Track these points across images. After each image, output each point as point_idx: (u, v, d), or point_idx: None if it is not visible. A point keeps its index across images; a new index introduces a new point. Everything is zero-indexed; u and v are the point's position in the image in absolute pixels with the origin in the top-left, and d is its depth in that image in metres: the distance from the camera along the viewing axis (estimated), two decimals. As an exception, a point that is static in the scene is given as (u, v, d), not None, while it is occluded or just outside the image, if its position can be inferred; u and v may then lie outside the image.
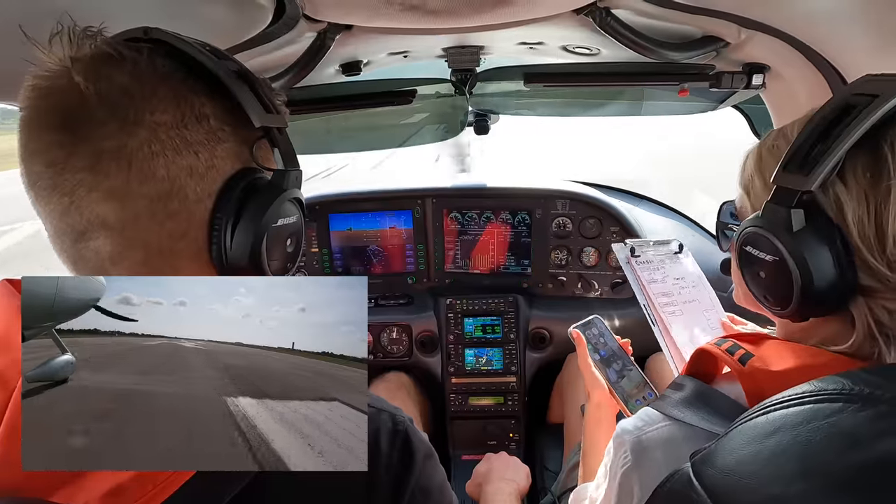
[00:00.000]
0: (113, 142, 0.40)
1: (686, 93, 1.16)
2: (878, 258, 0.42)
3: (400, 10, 0.80)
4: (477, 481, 1.12)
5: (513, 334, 1.65)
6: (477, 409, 1.68)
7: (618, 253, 0.97)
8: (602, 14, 0.84)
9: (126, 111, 0.40)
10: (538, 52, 1.21)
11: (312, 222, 1.71)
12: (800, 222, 0.45)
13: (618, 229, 1.64)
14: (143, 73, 0.41)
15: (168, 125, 0.41)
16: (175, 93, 0.42)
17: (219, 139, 0.44)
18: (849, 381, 0.35)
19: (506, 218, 1.69)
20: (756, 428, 0.38)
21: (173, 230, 0.43)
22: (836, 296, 0.45)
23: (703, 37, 0.93)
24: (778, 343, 0.51)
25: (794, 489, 0.32)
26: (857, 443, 0.32)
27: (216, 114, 0.44)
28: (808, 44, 0.87)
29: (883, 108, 0.42)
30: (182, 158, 0.42)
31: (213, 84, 0.44)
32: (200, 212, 0.44)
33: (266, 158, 0.49)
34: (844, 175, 0.44)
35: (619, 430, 0.60)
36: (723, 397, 0.52)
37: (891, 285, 0.42)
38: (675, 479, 0.41)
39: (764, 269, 0.49)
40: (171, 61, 0.43)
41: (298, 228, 0.51)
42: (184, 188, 0.42)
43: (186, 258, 0.44)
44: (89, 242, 0.42)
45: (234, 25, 0.79)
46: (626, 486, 0.57)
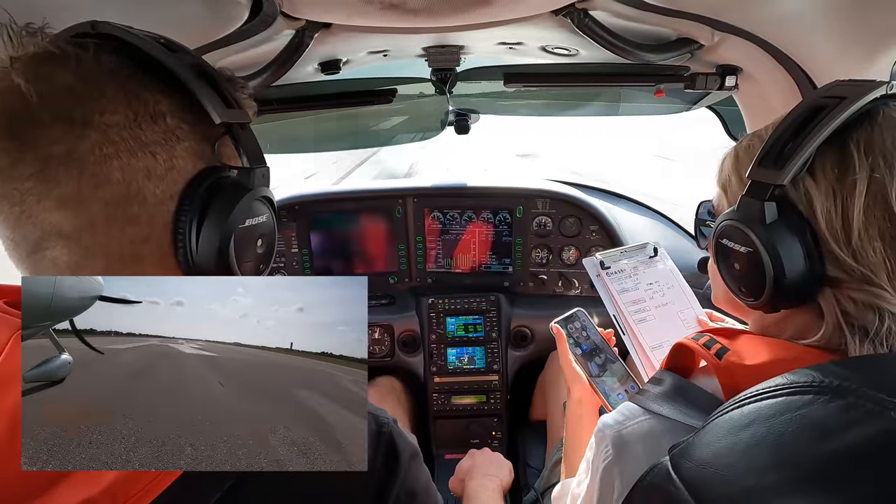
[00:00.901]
0: (61, 146, 0.38)
1: (662, 94, 1.18)
2: (844, 249, 0.45)
3: (379, 8, 0.80)
4: (460, 477, 1.12)
5: (495, 333, 1.66)
6: (460, 408, 1.68)
7: (588, 268, 0.97)
8: (580, 15, 0.85)
9: (72, 113, 0.38)
10: (518, 53, 1.22)
11: (292, 222, 1.69)
12: (772, 215, 0.47)
13: (597, 228, 1.66)
14: (88, 70, 0.39)
15: (120, 125, 0.39)
16: (125, 90, 0.40)
17: (177, 138, 0.42)
18: (819, 374, 0.36)
19: (487, 217, 1.70)
20: (731, 421, 0.39)
21: (134, 235, 0.41)
22: (805, 286, 0.47)
23: (678, 39, 0.95)
24: (752, 337, 0.53)
25: (767, 480, 0.33)
26: (827, 433, 0.33)
27: (173, 111, 0.42)
28: (778, 47, 0.90)
29: (850, 109, 0.44)
30: (138, 160, 0.40)
31: (168, 79, 0.42)
32: (162, 215, 0.42)
33: (231, 156, 0.47)
34: (814, 170, 0.46)
35: (601, 425, 0.61)
36: (700, 391, 0.53)
37: (856, 276, 0.45)
38: (655, 473, 0.42)
39: (739, 260, 0.50)
40: (120, 57, 0.41)
41: (270, 228, 0.49)
42: (142, 191, 0.41)
43: (151, 263, 0.43)
44: (45, 252, 0.40)
45: (209, 22, 0.77)
46: (607, 480, 0.58)
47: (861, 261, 0.44)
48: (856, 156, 0.44)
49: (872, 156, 0.43)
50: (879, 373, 0.37)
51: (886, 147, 0.43)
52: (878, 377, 0.35)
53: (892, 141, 0.44)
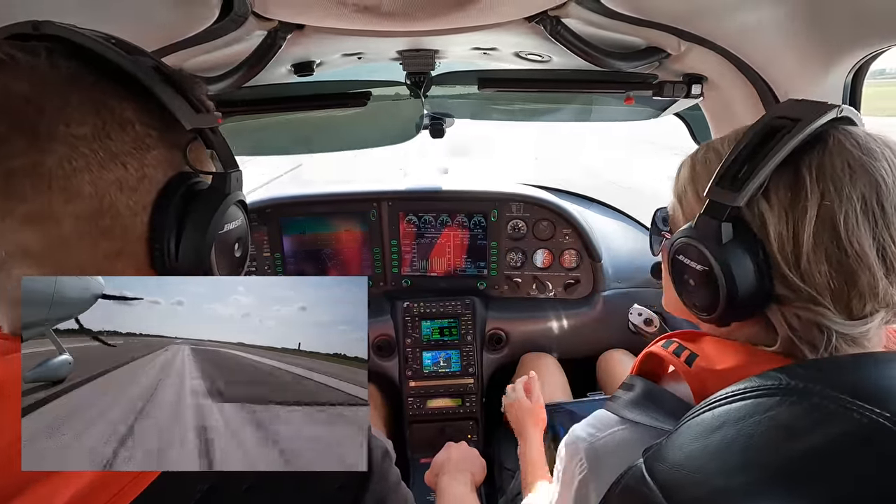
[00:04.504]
0: (23, 160, 0.35)
1: (631, 101, 1.21)
2: (793, 271, 0.46)
3: (353, 11, 0.79)
4: (435, 472, 1.16)
5: (470, 336, 1.66)
6: (435, 412, 1.68)
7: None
8: (553, 23, 0.87)
9: (34, 125, 0.36)
10: (492, 58, 1.23)
11: (263, 226, 1.65)
12: (728, 235, 0.48)
13: (570, 231, 1.69)
14: (45, 78, 0.37)
15: (88, 137, 0.37)
16: (91, 99, 0.38)
17: (147, 146, 0.41)
18: (786, 376, 0.38)
19: (462, 220, 1.70)
20: (703, 423, 0.40)
21: (108, 249, 0.40)
22: (754, 303, 0.48)
23: (647, 48, 0.98)
24: (716, 341, 0.54)
25: (737, 481, 0.34)
26: (794, 434, 0.34)
27: (140, 118, 0.40)
28: (740, 57, 0.93)
29: (803, 133, 0.46)
30: (109, 172, 0.38)
31: (130, 84, 0.40)
32: (136, 226, 0.41)
33: (200, 161, 0.46)
34: (769, 193, 0.48)
35: (573, 437, 0.61)
36: (671, 396, 0.55)
37: (802, 296, 0.46)
38: (629, 476, 0.42)
39: (694, 277, 0.52)
40: (76, 62, 0.39)
41: (245, 232, 0.49)
42: (115, 203, 0.39)
43: (125, 276, 0.42)
44: (12, 272, 0.38)
45: (177, 21, 0.75)
46: (583, 492, 0.58)
47: (808, 282, 0.46)
48: (808, 181, 0.46)
49: (823, 182, 0.45)
50: (841, 374, 0.38)
51: (836, 174, 0.45)
52: (840, 379, 0.37)
53: (841, 167, 0.45)
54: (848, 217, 0.44)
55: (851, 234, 0.44)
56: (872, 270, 0.44)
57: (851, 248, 0.44)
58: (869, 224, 0.44)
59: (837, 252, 0.45)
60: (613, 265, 1.72)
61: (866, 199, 0.44)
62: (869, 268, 0.44)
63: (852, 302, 0.45)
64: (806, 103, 0.49)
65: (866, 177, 0.44)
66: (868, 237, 0.44)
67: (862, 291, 0.45)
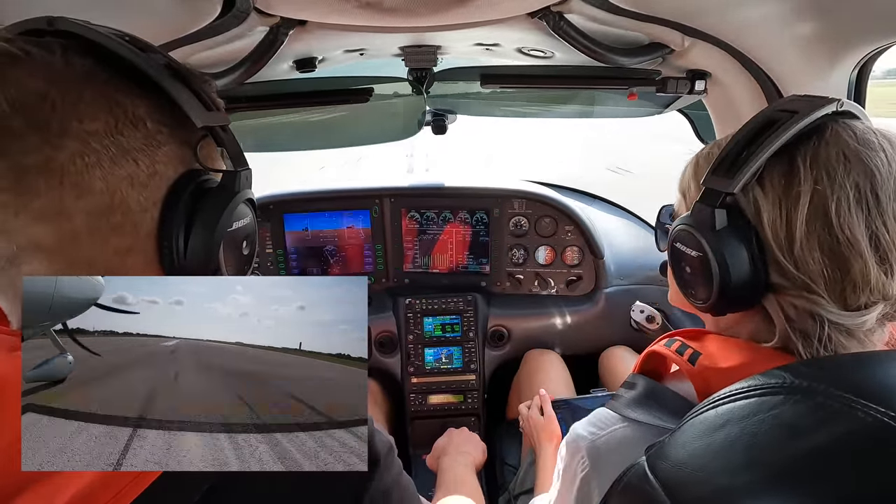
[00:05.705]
0: (37, 156, 0.36)
1: (635, 97, 1.21)
2: (786, 257, 0.47)
3: (356, 7, 0.79)
4: (436, 455, 1.18)
5: (472, 332, 1.66)
6: (437, 408, 1.68)
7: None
8: (555, 18, 0.86)
9: (48, 121, 0.36)
10: (494, 54, 1.22)
11: (266, 222, 1.65)
12: (722, 221, 0.49)
13: (572, 228, 1.69)
14: (60, 75, 0.37)
15: (101, 133, 0.37)
16: (104, 95, 0.38)
17: (158, 143, 0.41)
18: (790, 375, 0.38)
19: (464, 217, 1.70)
20: (706, 421, 0.40)
21: (118, 245, 0.40)
22: (750, 291, 0.49)
23: (650, 43, 0.97)
24: (718, 338, 0.54)
25: (740, 480, 0.34)
26: (798, 433, 0.34)
27: (151, 115, 0.41)
28: (744, 53, 0.93)
29: (800, 124, 0.46)
30: (120, 168, 0.38)
31: (142, 81, 0.40)
32: (146, 222, 0.41)
33: (210, 158, 0.46)
34: (763, 181, 0.48)
35: (574, 436, 0.61)
36: (674, 395, 0.54)
37: (797, 283, 0.47)
38: (632, 473, 0.42)
39: (689, 263, 0.52)
40: (90, 59, 0.39)
41: (253, 230, 0.49)
42: (126, 200, 0.39)
43: (135, 273, 0.42)
44: (22, 267, 0.38)
45: (178, 17, 0.75)
46: (585, 491, 0.58)
47: (802, 269, 0.46)
48: (802, 169, 0.46)
49: (817, 169, 0.45)
50: (845, 373, 0.38)
51: (830, 162, 0.45)
52: (844, 378, 0.37)
53: (836, 157, 0.45)
54: (840, 204, 0.44)
55: (843, 221, 0.44)
56: (864, 258, 0.44)
57: (843, 234, 0.44)
58: (862, 212, 0.44)
59: (829, 239, 0.45)
60: (616, 262, 1.72)
61: (860, 188, 0.44)
62: (861, 255, 0.44)
63: (846, 291, 0.45)
64: (807, 98, 0.49)
65: (861, 166, 0.45)
66: (861, 225, 0.44)
67: (855, 280, 0.45)
